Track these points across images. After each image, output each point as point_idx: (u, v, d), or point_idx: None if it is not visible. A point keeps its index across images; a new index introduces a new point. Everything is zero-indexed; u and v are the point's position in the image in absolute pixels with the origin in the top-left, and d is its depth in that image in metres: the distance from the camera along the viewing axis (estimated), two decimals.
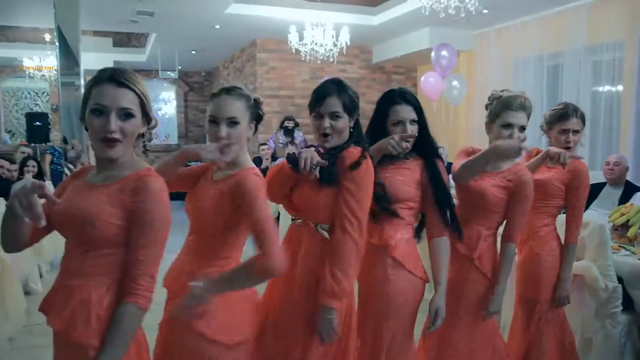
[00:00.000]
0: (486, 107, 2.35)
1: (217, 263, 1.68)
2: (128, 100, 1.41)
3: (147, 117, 1.48)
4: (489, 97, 2.35)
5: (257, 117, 1.76)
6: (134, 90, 1.42)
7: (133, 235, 1.39)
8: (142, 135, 1.50)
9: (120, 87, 1.40)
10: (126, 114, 1.40)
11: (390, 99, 2.14)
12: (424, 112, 2.17)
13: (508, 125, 2.22)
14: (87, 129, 1.44)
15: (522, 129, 2.23)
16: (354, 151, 1.91)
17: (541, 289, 2.50)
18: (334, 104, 1.90)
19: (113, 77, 1.41)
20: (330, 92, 1.90)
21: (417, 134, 2.11)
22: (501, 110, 2.24)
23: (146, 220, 1.38)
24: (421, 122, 2.14)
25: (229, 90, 1.70)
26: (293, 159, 1.87)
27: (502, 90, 2.34)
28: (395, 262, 2.03)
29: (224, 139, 1.65)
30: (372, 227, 2.02)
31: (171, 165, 1.73)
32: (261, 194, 1.62)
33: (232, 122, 1.67)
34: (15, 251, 1.52)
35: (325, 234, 1.90)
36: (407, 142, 2.09)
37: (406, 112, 2.11)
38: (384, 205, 2.03)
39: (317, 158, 1.83)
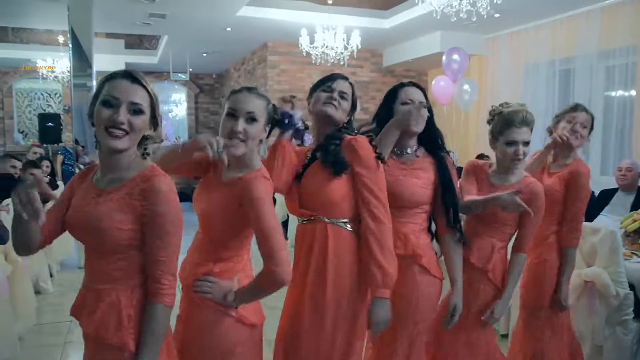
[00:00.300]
0: (488, 123, 2.33)
1: (227, 261, 1.70)
2: (140, 96, 1.42)
3: (154, 120, 1.48)
4: (490, 113, 2.33)
5: (272, 122, 1.77)
6: (146, 89, 1.44)
7: (148, 238, 1.41)
8: (147, 138, 1.49)
9: (134, 82, 1.42)
10: (136, 110, 1.41)
11: (400, 84, 2.18)
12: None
13: (512, 143, 2.21)
14: (93, 125, 1.44)
15: (526, 144, 2.22)
16: (362, 140, 1.92)
17: (545, 294, 2.49)
18: (346, 86, 1.99)
19: (127, 74, 1.43)
20: (344, 77, 2.01)
21: (427, 115, 2.11)
22: (504, 127, 2.22)
23: (159, 222, 1.40)
24: (429, 110, 2.13)
25: (250, 89, 1.71)
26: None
27: (502, 105, 2.31)
28: (422, 268, 2.06)
29: (240, 133, 1.64)
30: (394, 237, 1.98)
31: (179, 156, 1.70)
32: (268, 201, 1.62)
33: (251, 118, 1.66)
34: (27, 254, 1.53)
35: (341, 224, 1.92)
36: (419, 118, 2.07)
37: (416, 93, 2.13)
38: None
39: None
